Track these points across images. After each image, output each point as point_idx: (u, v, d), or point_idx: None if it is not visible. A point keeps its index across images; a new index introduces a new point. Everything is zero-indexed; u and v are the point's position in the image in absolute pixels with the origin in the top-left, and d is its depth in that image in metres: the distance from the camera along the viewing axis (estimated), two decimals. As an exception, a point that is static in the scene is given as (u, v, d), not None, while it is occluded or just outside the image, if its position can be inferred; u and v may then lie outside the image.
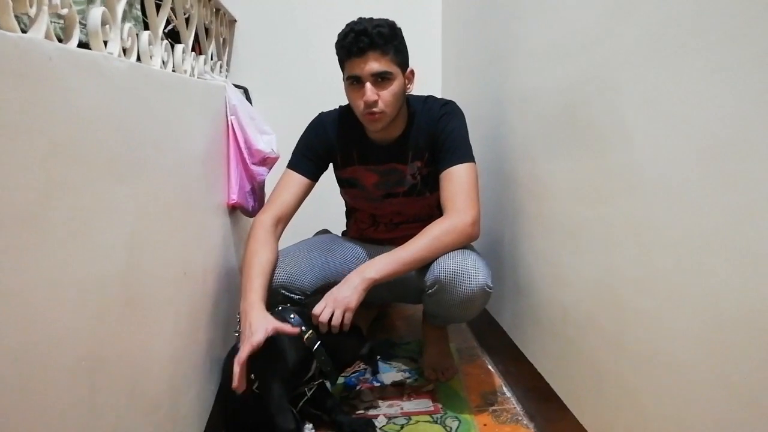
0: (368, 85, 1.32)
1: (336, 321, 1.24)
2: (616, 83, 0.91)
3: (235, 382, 1.10)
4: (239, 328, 1.39)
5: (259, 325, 1.14)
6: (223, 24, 1.96)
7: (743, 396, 0.66)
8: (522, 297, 1.43)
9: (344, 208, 1.79)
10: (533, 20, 1.28)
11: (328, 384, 1.38)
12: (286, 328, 1.18)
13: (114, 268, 0.72)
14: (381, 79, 1.33)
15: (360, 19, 1.34)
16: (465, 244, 1.37)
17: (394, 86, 1.35)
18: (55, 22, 0.69)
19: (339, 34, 1.35)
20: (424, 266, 1.41)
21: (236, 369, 1.10)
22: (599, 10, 0.95)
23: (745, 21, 0.62)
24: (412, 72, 1.43)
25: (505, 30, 1.50)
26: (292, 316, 1.26)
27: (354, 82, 1.35)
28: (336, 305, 1.25)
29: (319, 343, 1.24)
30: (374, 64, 1.31)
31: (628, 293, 0.90)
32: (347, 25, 1.34)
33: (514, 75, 1.44)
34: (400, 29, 1.37)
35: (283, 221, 1.45)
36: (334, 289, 1.29)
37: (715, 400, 0.71)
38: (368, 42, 1.29)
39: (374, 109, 1.35)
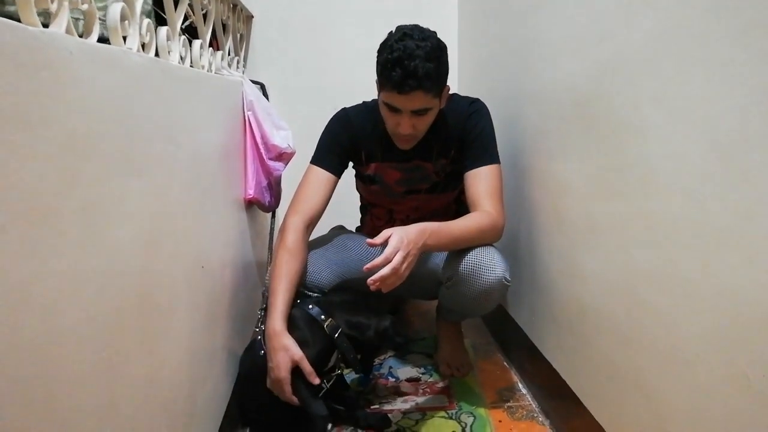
0: (406, 118, 1.31)
1: (408, 268, 1.16)
2: (630, 77, 0.90)
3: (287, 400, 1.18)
4: (261, 325, 1.40)
5: (281, 361, 1.17)
6: (240, 20, 1.97)
7: (761, 393, 0.65)
8: (538, 293, 1.42)
9: (359, 203, 1.79)
10: (547, 14, 1.27)
11: (350, 374, 1.38)
12: (305, 366, 1.17)
13: (131, 262, 0.73)
14: (420, 112, 1.31)
15: (407, 46, 1.21)
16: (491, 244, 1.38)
17: (431, 115, 1.34)
18: (77, 18, 0.70)
19: (383, 56, 1.26)
20: (443, 259, 1.41)
21: (285, 392, 1.17)
22: (614, 3, 0.94)
23: (758, 14, 0.61)
24: (448, 89, 1.38)
25: (519, 24, 1.49)
26: (310, 306, 1.26)
27: (391, 108, 1.32)
28: (408, 255, 1.15)
29: (340, 330, 1.24)
30: (417, 102, 1.27)
31: (644, 290, 0.89)
32: (395, 50, 1.22)
33: (529, 69, 1.42)
34: (445, 50, 1.29)
35: (313, 224, 1.43)
36: (404, 233, 1.17)
37: (732, 397, 0.70)
38: (415, 85, 1.22)
39: (407, 136, 1.36)
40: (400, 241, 1.15)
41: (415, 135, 1.37)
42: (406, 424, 1.34)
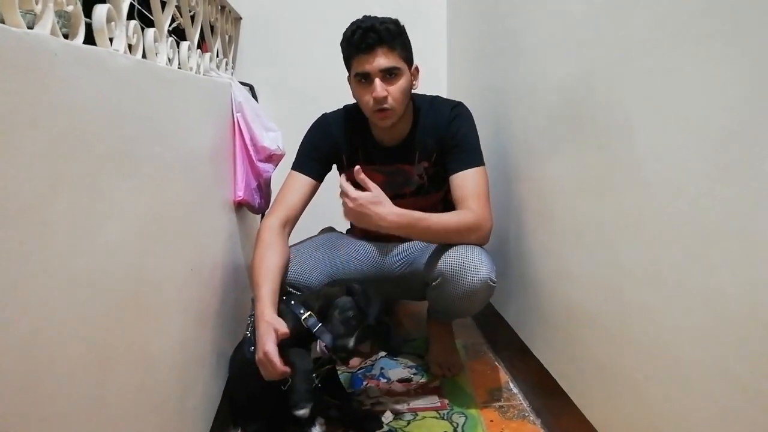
0: (377, 81, 1.32)
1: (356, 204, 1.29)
2: (617, 77, 0.91)
3: (277, 371, 1.11)
4: (249, 331, 1.39)
5: (265, 334, 1.13)
6: (229, 21, 1.97)
7: (748, 390, 0.65)
8: (528, 293, 1.43)
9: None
10: (536, 14, 1.27)
11: (342, 373, 1.34)
12: (281, 327, 1.13)
13: (120, 263, 0.72)
14: (389, 75, 1.33)
15: (365, 17, 1.34)
16: (476, 245, 1.37)
17: (402, 82, 1.35)
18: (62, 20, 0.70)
19: (345, 32, 1.35)
20: (429, 259, 1.42)
21: (274, 361, 1.10)
22: (603, 2, 0.95)
23: (745, 13, 0.62)
24: (417, 68, 1.43)
25: (508, 26, 1.49)
26: (292, 302, 1.25)
27: (362, 80, 1.34)
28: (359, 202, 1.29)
29: (320, 325, 1.19)
30: (382, 60, 1.31)
31: (632, 288, 0.90)
32: (353, 23, 1.34)
33: (516, 70, 1.43)
34: (404, 26, 1.37)
35: (290, 223, 1.43)
36: (370, 198, 1.30)
37: (720, 394, 0.70)
38: (376, 38, 1.29)
39: (384, 106, 1.34)
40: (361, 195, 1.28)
41: (393, 106, 1.36)
42: (398, 425, 1.34)
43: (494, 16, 1.64)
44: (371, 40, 1.29)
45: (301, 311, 1.21)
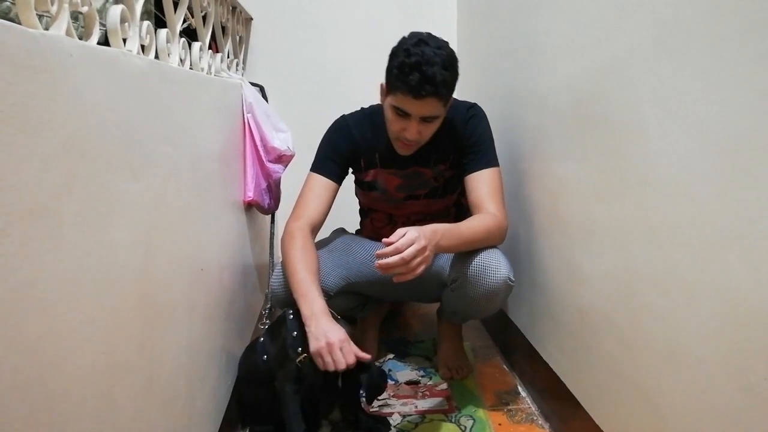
0: (414, 123, 1.30)
1: (423, 264, 1.14)
2: (629, 78, 0.90)
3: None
4: (266, 319, 1.38)
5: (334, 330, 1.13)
6: (240, 22, 1.98)
7: (760, 394, 0.65)
8: (538, 296, 1.42)
9: (358, 207, 1.79)
10: (546, 15, 1.27)
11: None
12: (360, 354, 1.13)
13: (130, 263, 0.73)
14: (428, 119, 1.31)
15: (425, 51, 1.22)
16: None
17: (436, 123, 1.35)
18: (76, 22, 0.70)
19: (401, 59, 1.24)
20: (446, 261, 1.41)
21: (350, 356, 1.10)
22: (613, 4, 0.94)
23: (757, 15, 0.62)
24: (453, 98, 1.39)
25: (518, 26, 1.49)
26: (294, 333, 1.20)
27: (400, 113, 1.31)
28: (423, 250, 1.13)
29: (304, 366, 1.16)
30: (427, 109, 1.28)
31: (644, 292, 0.89)
32: (413, 54, 1.22)
33: (528, 72, 1.43)
34: (457, 60, 1.31)
35: (316, 230, 1.42)
36: (420, 231, 1.15)
37: (732, 399, 0.70)
38: (432, 91, 1.23)
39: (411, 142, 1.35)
40: (415, 236, 1.13)
41: (419, 141, 1.37)
42: (406, 428, 1.33)
43: (505, 18, 1.64)
44: (425, 92, 1.22)
45: (299, 350, 1.17)
